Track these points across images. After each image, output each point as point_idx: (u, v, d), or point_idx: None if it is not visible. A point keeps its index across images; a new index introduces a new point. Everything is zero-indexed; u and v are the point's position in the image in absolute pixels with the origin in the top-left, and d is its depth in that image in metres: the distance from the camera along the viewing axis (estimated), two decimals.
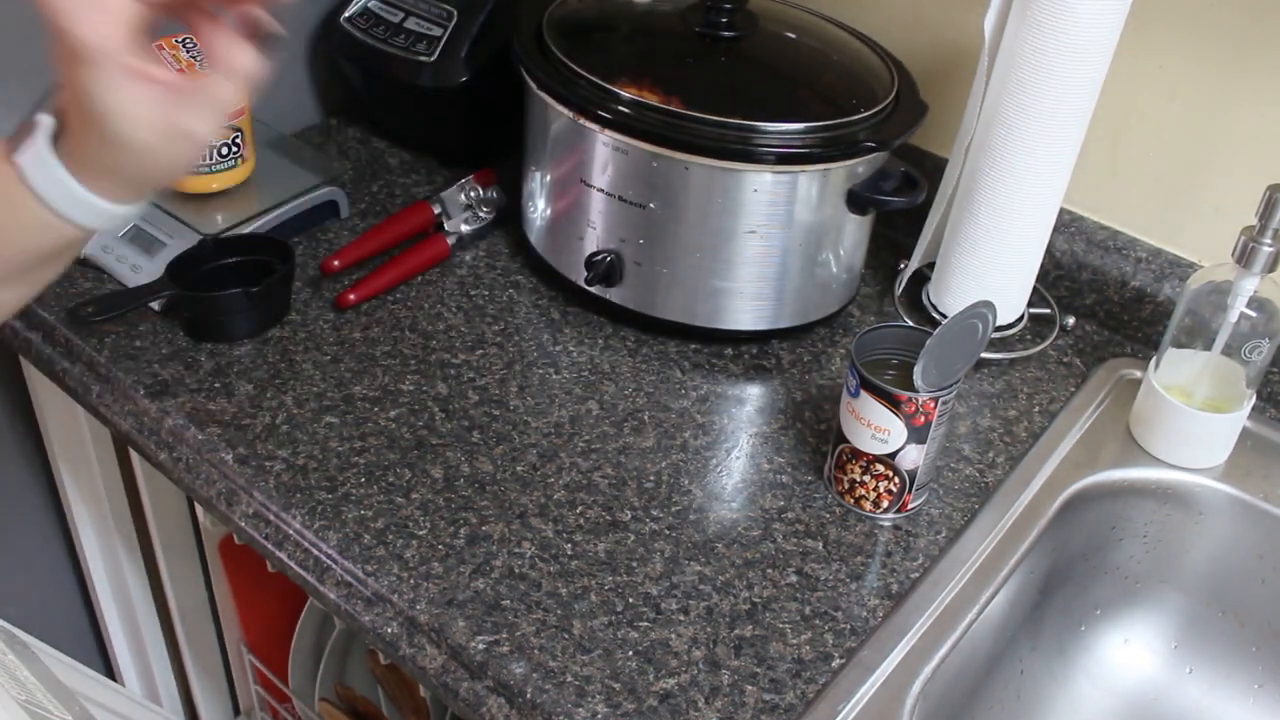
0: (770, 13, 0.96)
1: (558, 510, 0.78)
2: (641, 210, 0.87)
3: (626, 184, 0.87)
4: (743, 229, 0.87)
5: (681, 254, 0.89)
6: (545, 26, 0.92)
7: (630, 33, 0.96)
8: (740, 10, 0.92)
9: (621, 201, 0.88)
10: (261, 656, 1.17)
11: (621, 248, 0.90)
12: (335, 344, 0.90)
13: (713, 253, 0.88)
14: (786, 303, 0.92)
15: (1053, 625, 0.89)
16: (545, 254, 0.97)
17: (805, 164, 0.85)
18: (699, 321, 0.92)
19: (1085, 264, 0.98)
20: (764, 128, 0.83)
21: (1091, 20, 0.79)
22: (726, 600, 0.73)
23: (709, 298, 0.90)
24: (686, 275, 0.89)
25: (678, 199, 0.86)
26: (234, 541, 1.06)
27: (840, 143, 0.85)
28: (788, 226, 0.87)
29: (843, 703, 0.67)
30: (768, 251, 0.88)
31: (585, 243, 0.92)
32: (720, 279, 0.89)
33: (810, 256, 0.90)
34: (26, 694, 0.63)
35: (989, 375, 0.94)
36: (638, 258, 0.90)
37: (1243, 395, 0.83)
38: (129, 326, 0.90)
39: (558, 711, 0.66)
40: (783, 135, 0.84)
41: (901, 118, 0.88)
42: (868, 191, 0.88)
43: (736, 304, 0.91)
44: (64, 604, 1.20)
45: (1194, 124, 0.91)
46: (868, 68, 0.93)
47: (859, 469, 0.78)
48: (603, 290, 0.93)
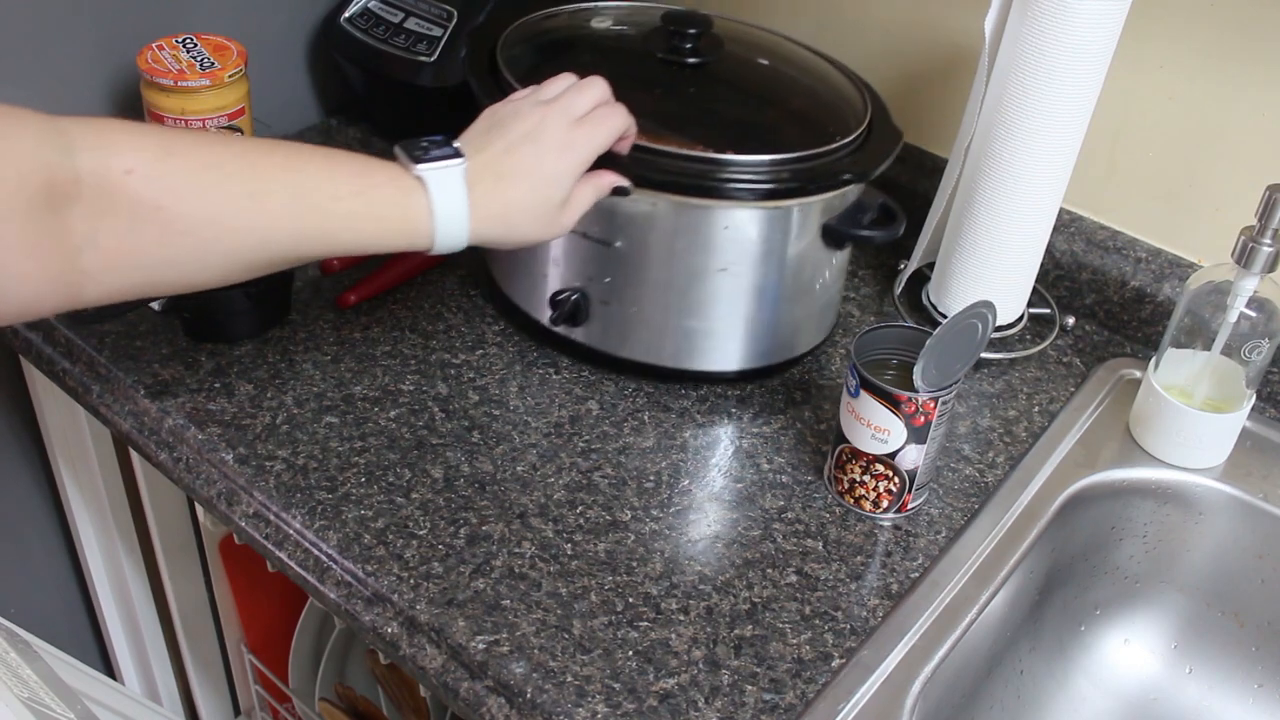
0: (736, 36, 0.92)
1: (558, 510, 0.78)
2: (606, 248, 0.83)
3: (589, 220, 0.80)
4: (714, 267, 0.82)
5: (650, 293, 0.84)
6: (500, 50, 0.87)
7: (590, 59, 0.91)
8: (705, 35, 0.87)
9: (585, 239, 0.83)
10: (261, 656, 1.17)
11: (588, 286, 0.85)
12: (335, 344, 0.90)
13: (683, 292, 0.84)
14: (762, 341, 0.88)
15: (1052, 625, 0.89)
16: (510, 292, 0.91)
17: (780, 199, 0.80)
18: (668, 362, 0.87)
19: (1085, 264, 0.98)
20: (735, 161, 0.79)
21: (1091, 20, 0.79)
22: (726, 600, 0.73)
23: (680, 338, 0.86)
24: (656, 315, 0.85)
25: (645, 237, 0.82)
26: (234, 541, 1.06)
27: (816, 176, 0.80)
28: (761, 264, 0.83)
29: (843, 703, 0.67)
30: (741, 290, 0.84)
31: (549, 280, 0.87)
32: (692, 319, 0.85)
33: (786, 293, 0.86)
34: (29, 692, 0.63)
35: (989, 375, 0.94)
36: (604, 297, 0.85)
37: (1242, 395, 0.83)
38: (129, 327, 0.90)
39: (558, 711, 0.66)
40: (755, 169, 0.79)
41: (877, 146, 0.84)
42: (844, 225, 0.84)
43: (710, 344, 0.87)
44: (64, 604, 1.20)
45: (1194, 124, 0.91)
46: (839, 93, 0.89)
47: (859, 469, 0.78)
48: (568, 330, 0.88)
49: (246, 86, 0.94)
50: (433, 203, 0.67)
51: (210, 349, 0.88)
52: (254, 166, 0.63)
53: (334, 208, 0.64)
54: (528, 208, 0.70)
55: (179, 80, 0.89)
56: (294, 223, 0.64)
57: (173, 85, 0.90)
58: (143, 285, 0.62)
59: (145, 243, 0.59)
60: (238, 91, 0.93)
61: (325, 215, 0.64)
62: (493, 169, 0.69)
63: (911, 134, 1.06)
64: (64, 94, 0.95)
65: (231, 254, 0.63)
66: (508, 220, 0.70)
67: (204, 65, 0.91)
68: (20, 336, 0.92)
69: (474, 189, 0.68)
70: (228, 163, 0.62)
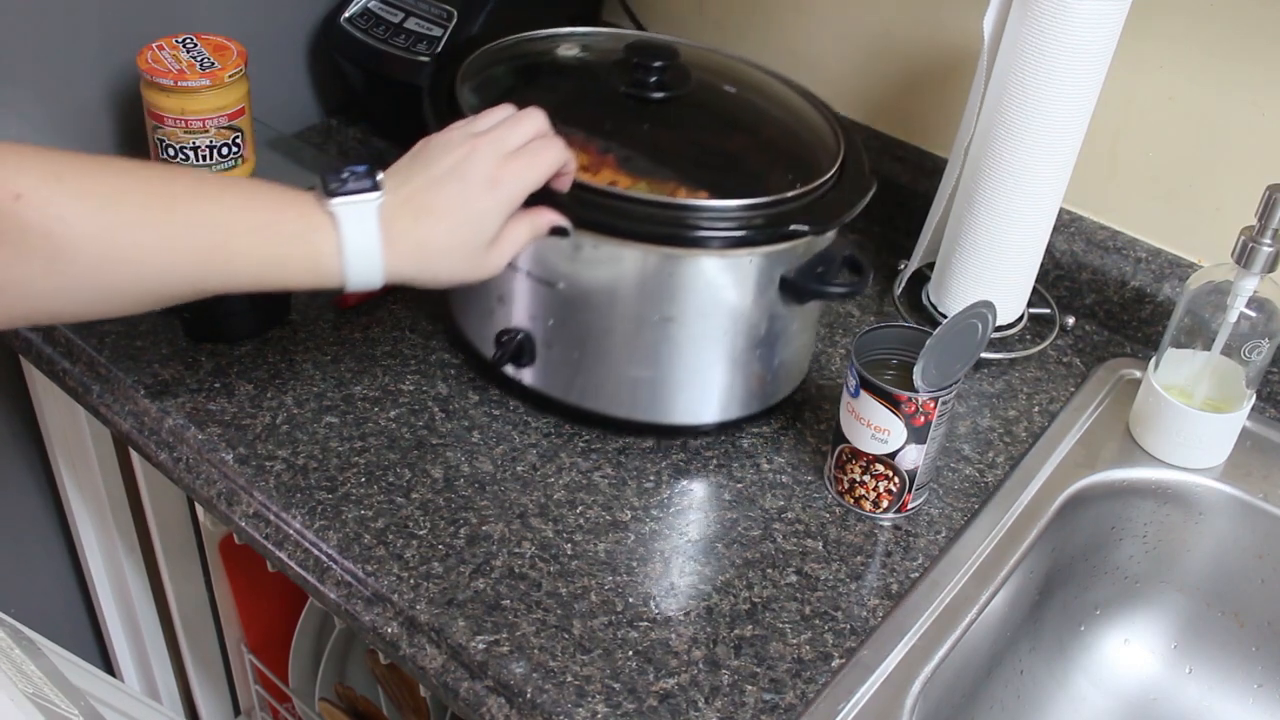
0: (709, 66, 0.88)
1: (558, 510, 0.78)
2: (550, 289, 0.78)
3: (532, 259, 0.77)
4: (658, 316, 0.77)
5: (594, 338, 0.79)
6: (459, 81, 0.83)
7: (549, 92, 0.87)
8: (671, 67, 0.82)
9: (529, 277, 0.78)
10: (261, 656, 1.17)
11: (532, 327, 0.81)
12: (335, 344, 0.90)
13: (627, 339, 0.78)
14: (715, 397, 0.82)
15: (1052, 625, 0.89)
16: (461, 324, 0.87)
17: (726, 249, 0.74)
18: (618, 412, 0.82)
19: (1085, 264, 0.98)
20: (682, 205, 0.74)
21: (1091, 20, 0.79)
22: (726, 600, 0.73)
23: (627, 387, 0.81)
24: (600, 361, 0.80)
25: (587, 280, 0.77)
26: (234, 541, 1.06)
27: (770, 224, 0.74)
28: (710, 316, 0.77)
29: (843, 703, 0.67)
30: (688, 341, 0.78)
31: (495, 318, 0.82)
32: (638, 368, 0.80)
33: (740, 348, 0.80)
34: (34, 688, 0.63)
35: (989, 375, 0.94)
36: (549, 339, 0.81)
37: (1242, 395, 0.83)
38: (129, 326, 0.90)
39: (558, 711, 0.66)
40: (703, 214, 0.73)
41: (844, 194, 0.78)
42: (805, 280, 0.77)
43: (660, 394, 0.81)
44: (64, 604, 1.20)
45: (1194, 124, 0.91)
46: (812, 133, 0.84)
47: (859, 469, 0.78)
48: (514, 371, 0.84)
49: (246, 86, 0.94)
50: (343, 240, 0.63)
51: (210, 349, 0.88)
52: (155, 195, 0.60)
53: (238, 243, 0.61)
54: (448, 247, 0.66)
55: (179, 80, 0.89)
56: (195, 256, 0.60)
57: (173, 85, 0.90)
58: (33, 314, 0.60)
59: (32, 272, 0.56)
60: (238, 91, 0.93)
61: (230, 250, 0.61)
62: (412, 205, 0.65)
63: (911, 134, 1.06)
64: (64, 94, 0.95)
65: (127, 287, 0.60)
66: (426, 260, 0.66)
67: (204, 65, 0.91)
68: (20, 336, 0.92)
69: (390, 226, 0.64)
70: (127, 190, 0.59)
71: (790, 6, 1.08)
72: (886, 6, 1.02)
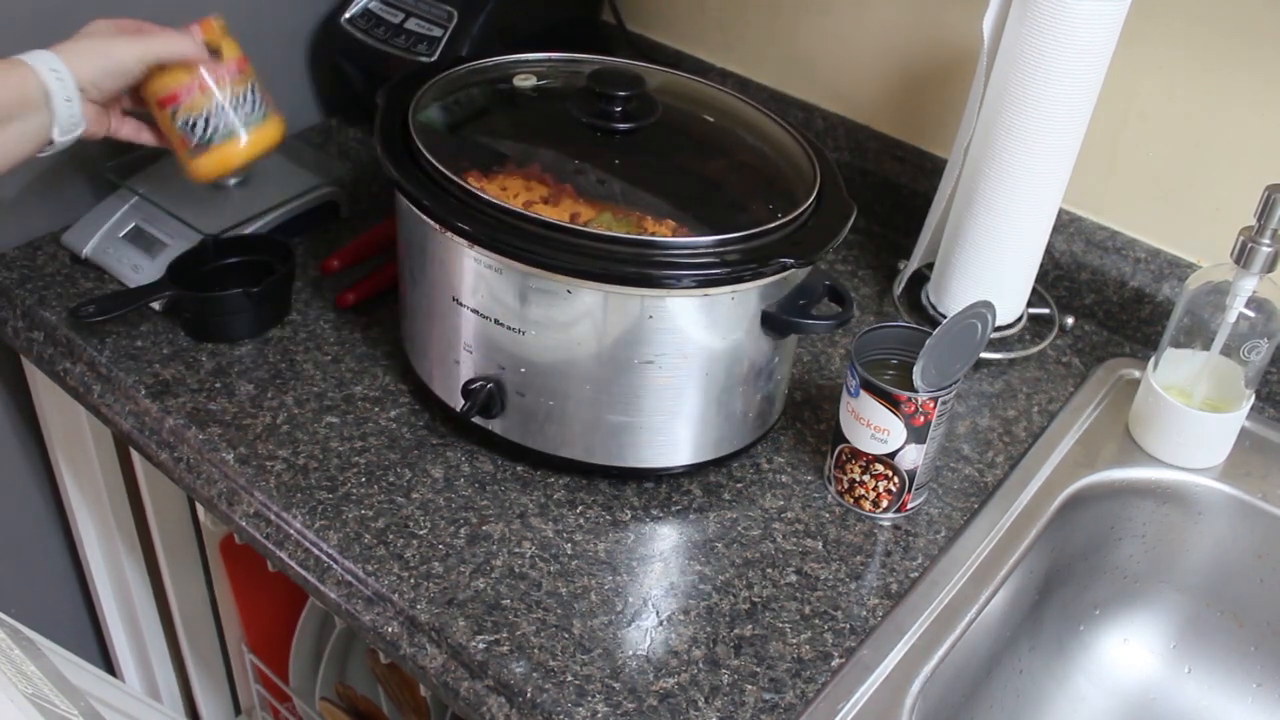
0: (678, 92, 0.85)
1: (558, 510, 0.78)
2: (519, 336, 0.74)
3: (500, 306, 0.74)
4: (637, 359, 0.73)
5: (569, 386, 0.76)
6: (413, 114, 0.79)
7: (510, 124, 0.85)
8: (637, 96, 0.79)
9: (497, 325, 0.75)
10: (262, 656, 1.17)
11: (501, 375, 0.77)
12: (335, 344, 0.90)
13: (606, 385, 0.75)
14: (697, 438, 0.79)
15: (1052, 625, 0.89)
16: (424, 375, 0.84)
17: (708, 286, 0.71)
18: (595, 459, 0.79)
19: (1084, 264, 0.98)
20: (659, 243, 0.70)
21: (1091, 20, 0.79)
22: (726, 600, 0.73)
23: (607, 434, 0.77)
24: (576, 409, 0.76)
25: (560, 326, 0.73)
26: (235, 541, 1.06)
27: (751, 260, 0.71)
28: (692, 356, 0.74)
29: (842, 702, 0.68)
30: (670, 383, 0.75)
31: (462, 368, 0.79)
32: (618, 413, 0.76)
33: (723, 387, 0.77)
34: (34, 688, 0.63)
35: (988, 375, 0.94)
36: (520, 387, 0.77)
37: (1241, 395, 0.83)
38: (130, 327, 0.90)
39: (558, 711, 0.66)
40: (682, 252, 0.70)
41: (824, 224, 0.75)
42: (787, 313, 0.75)
43: (640, 439, 0.78)
44: (65, 603, 1.20)
45: (1194, 124, 0.91)
46: (787, 161, 0.81)
47: (859, 469, 0.78)
48: (484, 421, 0.80)
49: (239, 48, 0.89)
50: (35, 66, 0.76)
51: (211, 349, 0.89)
52: None
53: None
54: None
55: None
56: None
57: None
58: None
59: None
60: (232, 49, 0.88)
61: None
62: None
63: (911, 134, 1.06)
64: None
65: None
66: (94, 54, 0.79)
67: None
68: (21, 336, 0.92)
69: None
70: None
71: (792, 7, 1.08)
72: (887, 7, 1.02)
